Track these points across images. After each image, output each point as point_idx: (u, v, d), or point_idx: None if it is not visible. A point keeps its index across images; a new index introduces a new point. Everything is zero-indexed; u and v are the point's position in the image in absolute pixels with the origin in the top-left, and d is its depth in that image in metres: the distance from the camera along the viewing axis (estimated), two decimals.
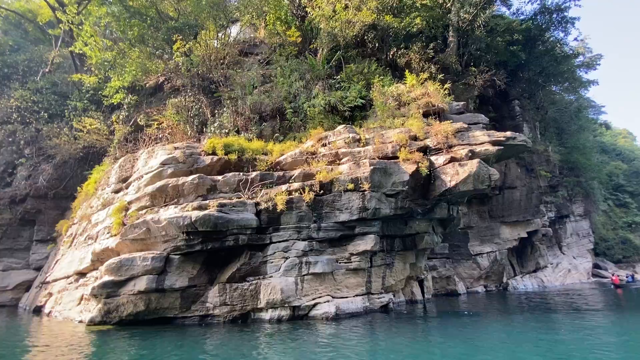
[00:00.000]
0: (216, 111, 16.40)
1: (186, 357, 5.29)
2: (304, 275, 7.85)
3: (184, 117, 15.62)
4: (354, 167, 8.83)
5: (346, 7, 16.25)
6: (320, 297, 7.96)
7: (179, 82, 19.72)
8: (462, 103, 15.04)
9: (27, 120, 18.84)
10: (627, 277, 22.53)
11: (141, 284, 7.05)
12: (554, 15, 24.86)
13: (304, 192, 8.38)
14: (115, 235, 8.87)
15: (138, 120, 16.31)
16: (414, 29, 17.08)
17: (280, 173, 9.28)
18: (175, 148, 10.15)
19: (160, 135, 15.94)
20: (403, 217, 9.46)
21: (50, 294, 10.95)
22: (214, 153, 10.32)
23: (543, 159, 24.20)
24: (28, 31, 27.20)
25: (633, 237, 33.87)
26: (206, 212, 7.43)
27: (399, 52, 20.26)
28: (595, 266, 29.52)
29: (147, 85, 19.32)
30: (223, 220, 7.50)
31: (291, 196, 8.20)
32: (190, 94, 16.95)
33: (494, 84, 21.59)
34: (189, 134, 15.47)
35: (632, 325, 8.11)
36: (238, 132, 14.88)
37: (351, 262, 8.60)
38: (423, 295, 12.79)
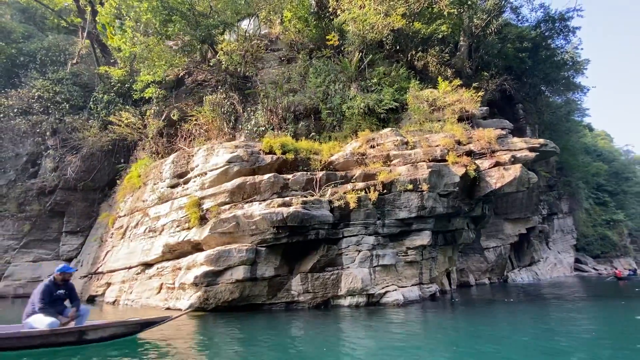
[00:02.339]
0: (248, 108, 16.83)
1: (281, 337, 6.03)
2: (374, 266, 8.73)
3: (219, 113, 15.99)
4: (412, 169, 9.71)
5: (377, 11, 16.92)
6: (387, 286, 8.87)
7: (200, 76, 20.01)
8: (485, 108, 16.16)
9: (50, 111, 18.73)
10: (629, 271, 24.64)
11: (238, 273, 7.73)
12: (557, 24, 26.30)
13: (369, 192, 9.21)
14: (189, 228, 9.47)
15: (171, 115, 16.56)
16: (440, 36, 17.99)
17: (342, 173, 10.05)
18: (236, 147, 10.72)
19: (194, 131, 16.32)
20: (449, 215, 10.44)
21: (109, 284, 11.39)
22: (270, 152, 10.95)
23: (543, 160, 25.83)
24: (34, 17, 26.55)
25: (611, 234, 36.45)
26: (295, 208, 8.15)
27: (417, 55, 21.15)
28: (577, 261, 31.78)
29: (168, 78, 19.46)
30: (308, 217, 8.25)
31: (359, 195, 9.01)
32: (221, 90, 17.27)
33: (501, 87, 22.89)
34: (224, 130, 15.91)
35: None
36: (273, 130, 15.43)
37: (408, 255, 9.53)
38: (450, 286, 13.94)
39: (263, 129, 15.29)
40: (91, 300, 12.02)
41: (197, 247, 9.29)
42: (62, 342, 4.96)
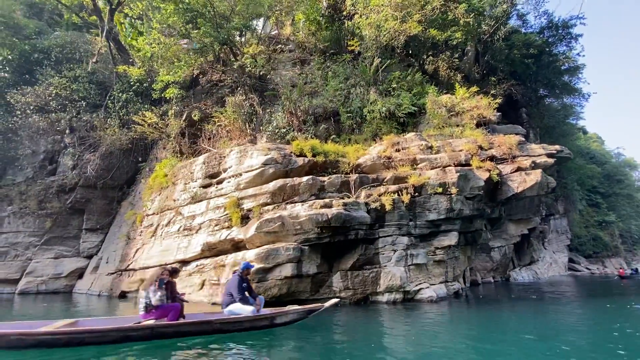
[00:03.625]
0: (268, 109, 17.19)
1: (330, 327, 6.69)
2: (409, 265, 9.27)
3: (241, 115, 16.32)
4: (441, 173, 10.26)
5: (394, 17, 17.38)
6: (420, 283, 9.42)
7: (215, 76, 20.29)
8: (498, 113, 16.80)
9: (67, 109, 18.81)
10: (631, 270, 25.62)
11: (286, 270, 8.18)
12: (560, 31, 27.10)
13: (402, 194, 9.73)
14: (229, 227, 9.88)
15: (192, 115, 16.84)
16: (454, 42, 18.57)
17: (374, 175, 10.55)
18: (269, 149, 11.12)
19: (215, 132, 16.63)
20: (472, 217, 11.03)
21: (143, 280, 11.72)
22: (301, 154, 11.39)
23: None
24: (42, 12, 26.43)
25: (603, 234, 37.59)
26: (338, 210, 8.63)
27: (428, 60, 21.70)
28: (570, 260, 32.83)
29: (184, 78, 19.66)
30: (349, 218, 8.74)
31: (393, 197, 9.53)
32: (240, 91, 17.59)
33: (507, 92, 23.60)
34: (246, 131, 16.26)
35: None
36: (293, 132, 15.82)
37: (436, 254, 10.10)
38: (465, 284, 14.59)
39: (284, 130, 15.67)
40: (123, 296, 12.35)
41: (236, 246, 9.70)
42: (259, 326, 5.99)
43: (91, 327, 5.11)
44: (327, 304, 6.68)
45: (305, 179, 9.65)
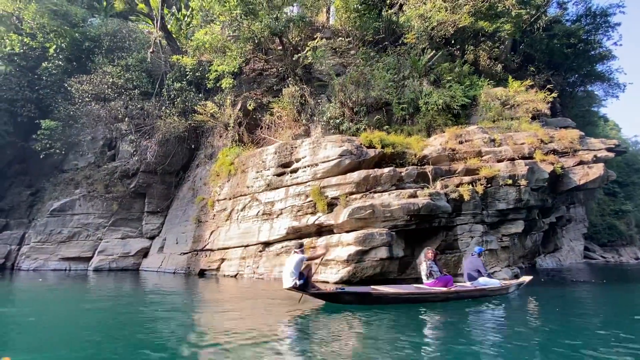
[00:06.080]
0: (318, 100, 17.77)
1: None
2: (484, 250, 10.15)
3: (295, 105, 16.95)
4: (510, 166, 10.97)
5: (445, 8, 17.61)
6: (493, 267, 10.33)
7: (258, 65, 20.80)
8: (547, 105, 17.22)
9: (123, 98, 19.56)
10: None
11: (381, 253, 9.08)
12: (598, 19, 26.82)
13: (475, 185, 10.50)
14: (313, 213, 10.78)
15: (247, 105, 17.51)
16: (503, 34, 18.78)
17: (446, 167, 11.30)
18: (342, 141, 11.86)
19: (269, 122, 17.34)
20: (533, 207, 11.79)
21: (223, 260, 12.81)
22: (370, 146, 12.12)
23: None
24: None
25: (619, 223, 37.93)
26: (427, 200, 9.46)
27: (469, 49, 21.88)
28: (585, 249, 33.45)
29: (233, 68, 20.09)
30: (435, 207, 9.56)
31: (469, 188, 10.31)
32: (291, 81, 18.14)
33: (544, 82, 23.72)
34: (301, 121, 16.94)
35: None
36: (345, 122, 16.42)
37: (503, 241, 10.95)
38: None
39: (338, 121, 16.30)
40: (202, 274, 13.45)
41: (320, 230, 10.63)
42: (502, 294, 8.07)
43: (442, 290, 7.29)
44: (526, 279, 8.79)
45: (386, 170, 10.43)
